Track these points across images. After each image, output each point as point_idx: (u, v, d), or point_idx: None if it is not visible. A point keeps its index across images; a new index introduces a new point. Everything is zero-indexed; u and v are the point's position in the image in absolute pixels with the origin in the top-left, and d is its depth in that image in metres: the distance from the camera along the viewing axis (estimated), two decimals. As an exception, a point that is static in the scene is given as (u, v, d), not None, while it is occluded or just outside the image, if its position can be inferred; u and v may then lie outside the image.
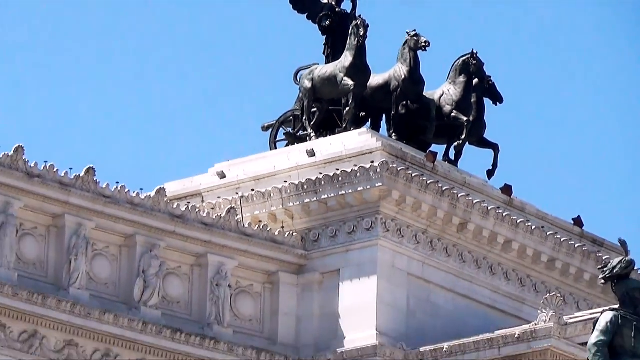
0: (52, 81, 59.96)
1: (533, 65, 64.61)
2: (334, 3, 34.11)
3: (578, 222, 33.20)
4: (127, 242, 27.41)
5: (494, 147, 32.76)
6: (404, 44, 32.66)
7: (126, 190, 27.53)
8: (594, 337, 13.81)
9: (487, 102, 32.60)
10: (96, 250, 27.01)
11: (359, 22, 32.21)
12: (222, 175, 31.95)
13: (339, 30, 33.23)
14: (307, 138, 32.50)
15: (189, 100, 61.52)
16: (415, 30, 32.37)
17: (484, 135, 32.90)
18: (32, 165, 26.26)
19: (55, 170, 26.47)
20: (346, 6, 33.65)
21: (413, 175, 29.04)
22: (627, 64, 64.22)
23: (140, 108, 63.16)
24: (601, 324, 13.79)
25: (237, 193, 30.81)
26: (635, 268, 17.23)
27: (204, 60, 62.14)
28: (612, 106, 67.32)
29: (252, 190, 30.52)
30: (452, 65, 33.27)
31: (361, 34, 31.83)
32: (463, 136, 32.10)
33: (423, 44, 32.13)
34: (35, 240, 26.42)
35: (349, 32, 32.15)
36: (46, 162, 26.65)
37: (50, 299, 25.30)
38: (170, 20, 60.19)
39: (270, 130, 33.96)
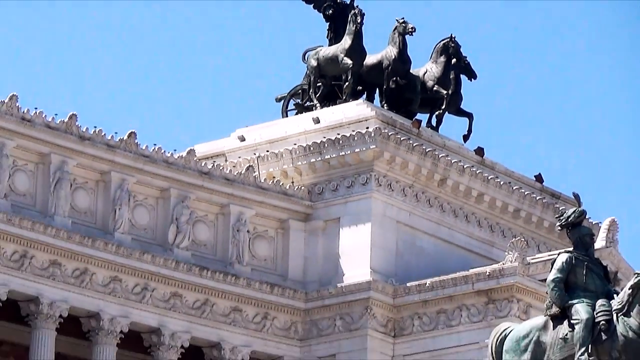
0: (100, 57, 60.72)
1: (501, 48, 64.91)
2: None
3: (539, 178, 34.35)
4: (163, 194, 28.72)
5: (469, 116, 33.82)
6: (394, 30, 33.18)
7: (162, 151, 28.67)
8: (552, 275, 14.18)
9: (463, 78, 33.90)
10: (137, 201, 28.38)
11: (356, 11, 33.10)
12: (242, 139, 32.90)
13: (339, 18, 33.84)
14: (313, 108, 33.44)
15: (216, 76, 62.70)
16: (403, 18, 33.11)
17: (461, 106, 33.81)
18: (84, 130, 27.52)
19: (103, 134, 27.76)
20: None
21: (401, 139, 30.30)
22: (580, 35, 65.37)
23: (175, 81, 64.70)
24: (558, 264, 14.15)
25: (254, 154, 31.80)
26: (587, 217, 16.77)
27: (229, 44, 63.44)
28: (564, 80, 67.38)
29: (267, 151, 31.54)
30: (434, 48, 33.83)
31: (358, 21, 32.58)
32: (443, 106, 33.09)
33: (410, 30, 32.76)
34: (86, 193, 27.80)
35: (348, 19, 32.89)
36: (95, 127, 27.98)
37: (98, 241, 26.74)
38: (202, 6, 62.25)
39: (283, 101, 34.72)
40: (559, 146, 67.39)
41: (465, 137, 34.03)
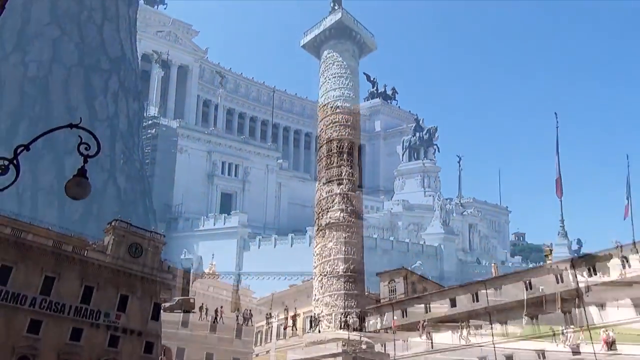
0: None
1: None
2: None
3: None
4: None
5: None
6: (384, 89, 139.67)
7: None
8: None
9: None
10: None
11: (375, 84, 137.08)
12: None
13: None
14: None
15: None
16: (385, 85, 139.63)
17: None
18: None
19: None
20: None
21: (384, 104, 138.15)
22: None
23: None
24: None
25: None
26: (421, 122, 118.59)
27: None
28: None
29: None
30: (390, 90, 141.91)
31: (378, 91, 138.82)
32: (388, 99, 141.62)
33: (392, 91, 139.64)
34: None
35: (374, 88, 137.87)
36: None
37: None
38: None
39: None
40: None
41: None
